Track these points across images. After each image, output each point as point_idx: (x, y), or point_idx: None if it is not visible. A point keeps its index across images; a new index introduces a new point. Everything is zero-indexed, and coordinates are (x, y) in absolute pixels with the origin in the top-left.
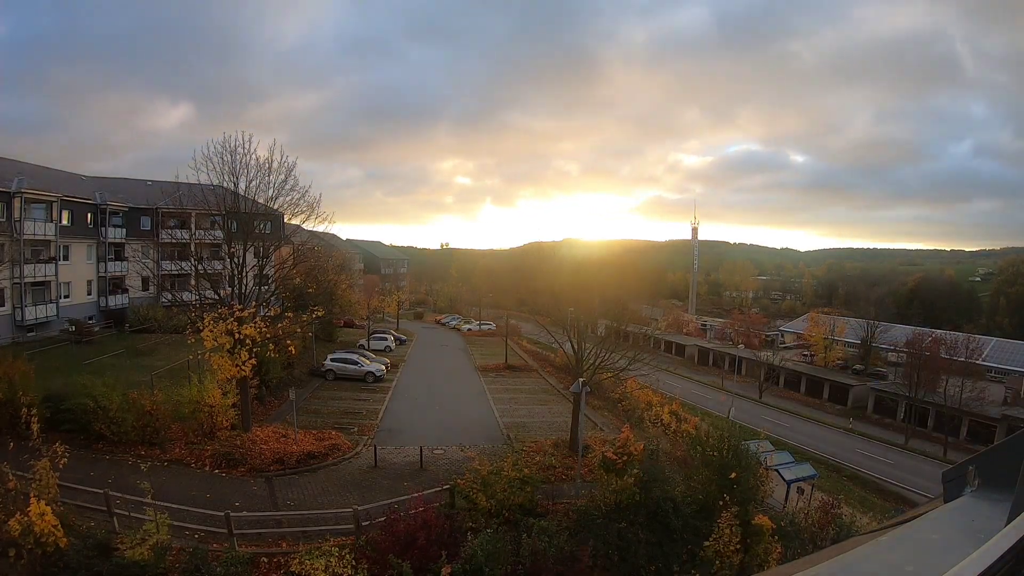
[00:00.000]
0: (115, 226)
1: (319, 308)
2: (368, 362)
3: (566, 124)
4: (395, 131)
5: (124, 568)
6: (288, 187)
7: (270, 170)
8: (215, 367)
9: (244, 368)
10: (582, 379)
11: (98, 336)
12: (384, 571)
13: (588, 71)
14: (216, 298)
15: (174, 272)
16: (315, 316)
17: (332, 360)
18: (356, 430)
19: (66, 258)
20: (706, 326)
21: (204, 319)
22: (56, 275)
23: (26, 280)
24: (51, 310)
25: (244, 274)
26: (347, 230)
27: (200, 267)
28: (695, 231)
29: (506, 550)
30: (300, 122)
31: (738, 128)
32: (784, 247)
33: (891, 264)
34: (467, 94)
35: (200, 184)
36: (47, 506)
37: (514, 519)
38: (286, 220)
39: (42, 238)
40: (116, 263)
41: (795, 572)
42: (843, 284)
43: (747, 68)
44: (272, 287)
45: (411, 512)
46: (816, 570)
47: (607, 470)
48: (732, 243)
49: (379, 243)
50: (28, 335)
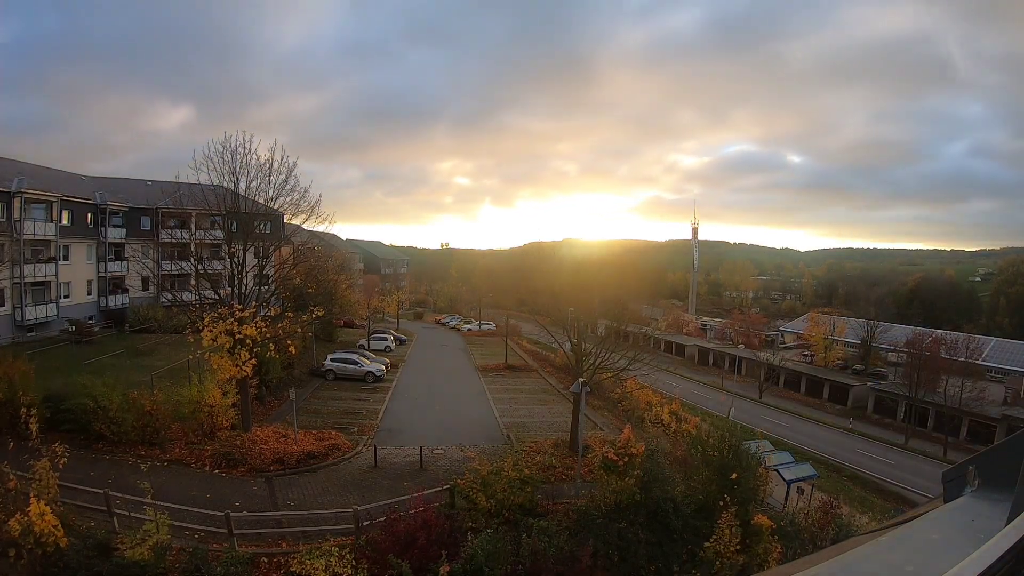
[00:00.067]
0: (115, 226)
1: (319, 308)
2: (368, 362)
3: (564, 125)
4: (394, 132)
5: (124, 568)
6: (288, 187)
7: (271, 170)
8: (215, 367)
9: (244, 368)
10: (582, 379)
11: (98, 336)
12: (384, 571)
13: (585, 72)
14: (216, 298)
15: (174, 272)
16: (315, 316)
17: (332, 360)
18: (356, 430)
19: (66, 258)
20: (706, 326)
21: (204, 319)
22: (56, 275)
23: (26, 280)
24: (51, 310)
25: (244, 274)
26: (347, 230)
27: (200, 267)
28: (695, 231)
29: (506, 550)
30: (300, 123)
31: (735, 129)
32: (784, 247)
33: (891, 264)
34: (465, 95)
35: (200, 184)
36: (47, 506)
37: (514, 519)
38: (286, 220)
39: (42, 238)
40: (116, 263)
41: (795, 572)
42: (843, 284)
43: (742, 69)
44: (272, 287)
45: (411, 512)
46: (816, 570)
47: (608, 470)
48: (732, 243)
49: (379, 243)
50: (28, 335)
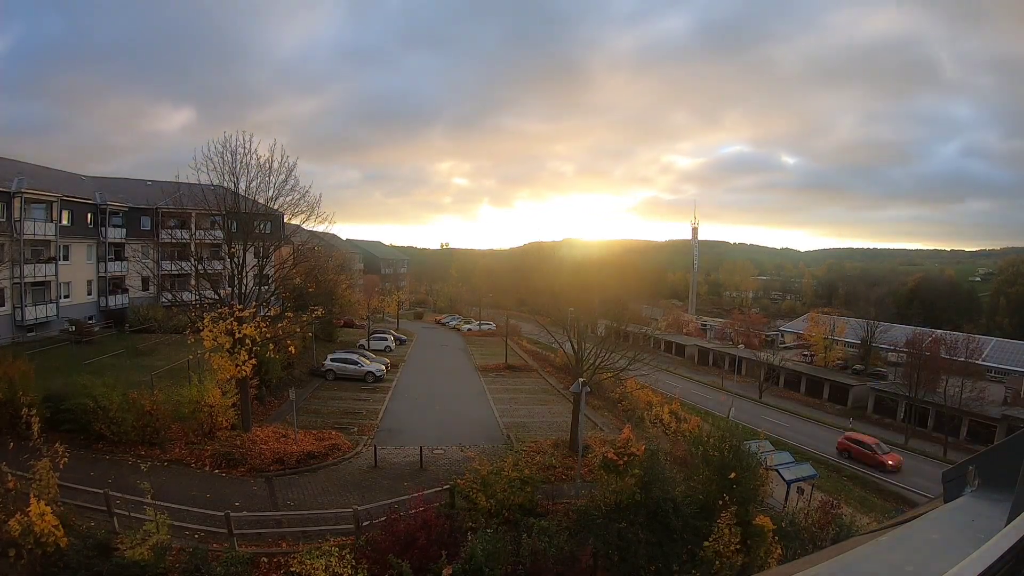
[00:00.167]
0: (115, 226)
1: (319, 308)
2: (368, 362)
3: (559, 126)
4: (392, 134)
5: (124, 568)
6: (288, 187)
7: (270, 170)
8: (215, 367)
9: (244, 368)
10: (582, 379)
11: (98, 336)
12: (384, 571)
13: (578, 76)
14: (216, 298)
15: (174, 272)
16: (315, 316)
17: (332, 360)
18: (356, 430)
19: (66, 258)
20: (706, 326)
21: (204, 319)
22: (56, 275)
23: (26, 280)
24: (51, 310)
25: (244, 274)
26: (347, 230)
27: (200, 267)
28: (695, 231)
29: (506, 550)
30: (299, 125)
31: (728, 130)
32: (784, 247)
33: (891, 264)
34: (461, 98)
35: (200, 184)
36: (47, 506)
37: (514, 519)
38: (286, 220)
39: (42, 238)
40: (116, 263)
41: (795, 572)
42: (843, 284)
43: (733, 72)
44: (272, 287)
45: (411, 512)
46: (816, 570)
47: (608, 470)
48: (732, 243)
49: (379, 243)
50: (28, 335)
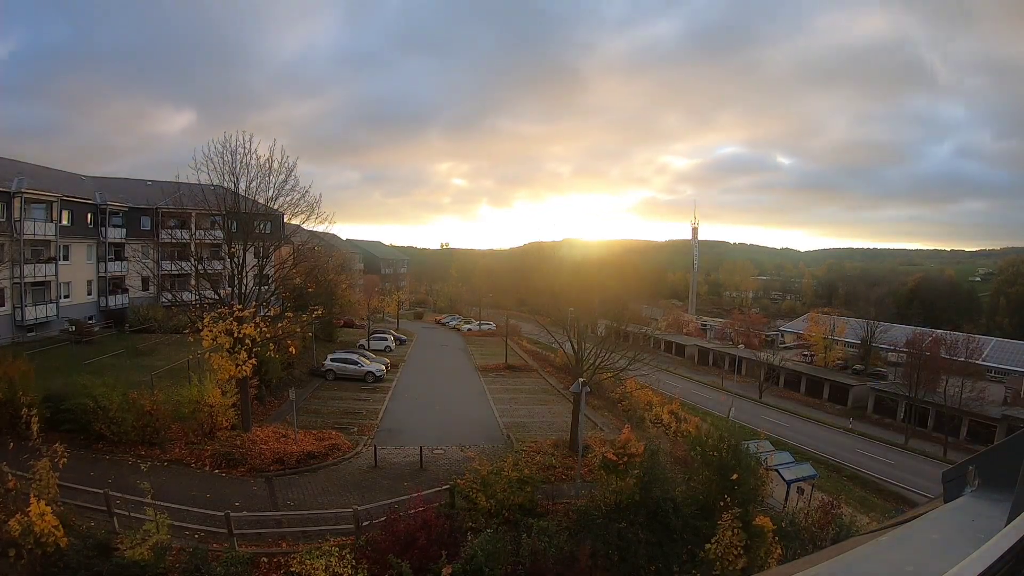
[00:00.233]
0: (115, 226)
1: (319, 308)
2: (368, 362)
3: (555, 128)
4: (391, 135)
5: (124, 568)
6: (288, 187)
7: (270, 170)
8: (215, 367)
9: (244, 368)
10: (582, 379)
11: (98, 336)
12: (384, 571)
13: (572, 78)
14: (216, 298)
15: (174, 272)
16: (315, 316)
17: (332, 360)
18: (356, 430)
19: (66, 258)
20: (706, 326)
21: (204, 319)
22: (56, 275)
23: (26, 280)
24: (51, 310)
25: (244, 274)
26: (347, 230)
27: (200, 267)
28: (695, 231)
29: (506, 550)
30: (299, 127)
31: (723, 131)
32: (784, 247)
33: (891, 264)
34: (458, 100)
35: (200, 184)
36: (47, 506)
37: (514, 519)
38: (286, 220)
39: (42, 238)
40: (116, 263)
41: (795, 572)
42: (843, 284)
43: (725, 74)
44: (272, 287)
45: (411, 512)
46: (816, 570)
47: (608, 470)
48: (732, 243)
49: (379, 243)
50: (28, 335)
